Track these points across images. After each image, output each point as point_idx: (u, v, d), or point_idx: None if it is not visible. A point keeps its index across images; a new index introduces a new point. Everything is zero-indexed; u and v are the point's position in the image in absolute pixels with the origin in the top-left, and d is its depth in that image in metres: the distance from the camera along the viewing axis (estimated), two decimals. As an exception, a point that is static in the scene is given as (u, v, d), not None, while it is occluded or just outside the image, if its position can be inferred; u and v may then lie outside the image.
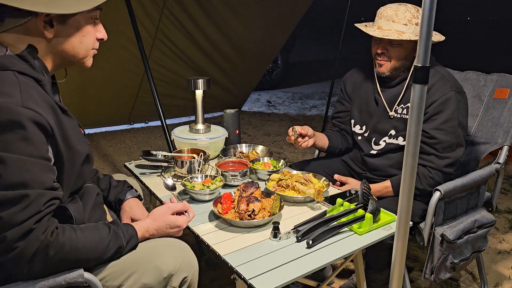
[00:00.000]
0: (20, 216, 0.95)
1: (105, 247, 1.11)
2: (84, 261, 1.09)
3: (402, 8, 1.71)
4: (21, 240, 0.96)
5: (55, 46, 1.11)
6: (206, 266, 2.29)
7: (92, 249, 1.09)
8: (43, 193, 0.99)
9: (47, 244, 1.00)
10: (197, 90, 2.07)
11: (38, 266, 1.01)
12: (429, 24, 0.99)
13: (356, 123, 1.99)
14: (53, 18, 1.07)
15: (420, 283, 2.17)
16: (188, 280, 1.23)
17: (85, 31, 1.14)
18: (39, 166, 0.99)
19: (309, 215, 1.49)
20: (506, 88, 1.95)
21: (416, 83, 1.04)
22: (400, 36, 1.67)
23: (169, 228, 1.27)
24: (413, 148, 1.09)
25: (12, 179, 0.95)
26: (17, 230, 0.96)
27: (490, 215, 1.84)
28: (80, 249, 1.06)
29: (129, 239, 1.18)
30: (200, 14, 4.03)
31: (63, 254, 1.03)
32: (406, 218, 1.15)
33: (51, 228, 1.01)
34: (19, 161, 0.95)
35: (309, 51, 9.48)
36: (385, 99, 1.85)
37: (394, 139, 1.83)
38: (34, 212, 0.97)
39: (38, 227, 0.98)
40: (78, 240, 1.06)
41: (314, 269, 1.21)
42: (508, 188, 3.36)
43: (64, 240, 1.03)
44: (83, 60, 1.18)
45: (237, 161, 1.88)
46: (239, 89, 5.23)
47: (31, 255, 0.98)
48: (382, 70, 1.80)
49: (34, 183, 0.98)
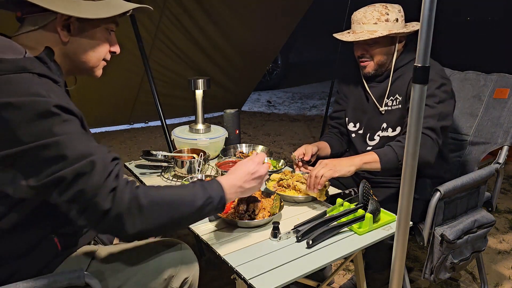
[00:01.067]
0: (97, 181, 0.96)
1: (192, 196, 1.11)
2: (177, 212, 1.08)
3: (370, 9, 1.78)
4: (111, 200, 0.98)
5: (68, 50, 1.12)
6: (206, 266, 2.29)
7: (180, 198, 1.09)
8: (105, 155, 1.01)
9: (135, 195, 1.01)
10: (197, 90, 2.07)
11: (139, 221, 1.01)
12: (429, 24, 0.99)
13: (350, 120, 2.02)
14: (71, 22, 1.08)
15: (420, 283, 2.17)
16: (189, 281, 1.23)
17: (99, 40, 1.15)
18: (86, 136, 1.01)
19: (309, 215, 1.49)
20: (506, 88, 1.95)
21: (416, 83, 1.03)
22: (372, 35, 1.73)
23: (250, 174, 1.24)
24: (413, 148, 1.09)
25: (72, 154, 0.95)
26: (103, 194, 0.97)
27: (490, 215, 1.85)
28: (168, 198, 1.07)
29: (216, 188, 1.16)
30: (200, 14, 4.03)
31: (154, 204, 1.03)
32: (406, 218, 1.15)
33: (130, 182, 1.03)
34: (69, 138, 0.96)
35: (309, 51, 9.47)
36: (374, 95, 1.90)
37: (386, 131, 1.87)
38: (108, 172, 0.99)
39: (119, 183, 1.00)
40: (163, 190, 1.08)
41: (314, 269, 1.21)
42: (508, 188, 3.36)
43: (149, 191, 1.04)
44: (93, 69, 1.19)
45: (237, 161, 1.88)
46: (239, 89, 5.23)
47: (126, 210, 0.99)
48: (367, 70, 1.86)
49: (92, 150, 0.99)
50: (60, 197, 0.96)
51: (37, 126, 0.92)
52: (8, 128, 0.91)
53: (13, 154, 0.92)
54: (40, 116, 0.92)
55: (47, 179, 0.93)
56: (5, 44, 1.00)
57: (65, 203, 0.97)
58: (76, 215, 0.98)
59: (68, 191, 0.95)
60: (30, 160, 0.93)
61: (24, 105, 0.91)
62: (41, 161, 0.93)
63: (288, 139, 4.72)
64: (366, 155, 1.69)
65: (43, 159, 0.93)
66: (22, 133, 0.91)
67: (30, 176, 0.94)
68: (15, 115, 0.91)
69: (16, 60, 0.96)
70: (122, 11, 1.13)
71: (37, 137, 0.92)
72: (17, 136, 0.91)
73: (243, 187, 1.23)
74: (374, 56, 1.82)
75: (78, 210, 0.97)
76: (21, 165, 0.94)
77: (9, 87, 0.92)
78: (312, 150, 1.87)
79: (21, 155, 0.92)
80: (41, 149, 0.92)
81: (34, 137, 0.91)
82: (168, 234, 1.39)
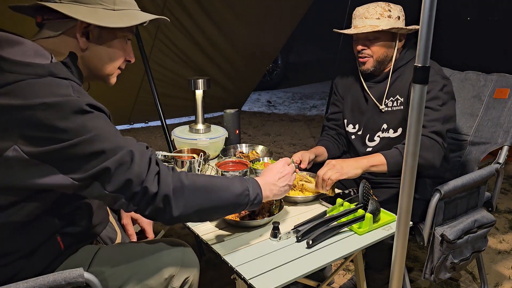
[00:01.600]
0: (142, 168, 1.03)
1: (231, 184, 1.19)
2: (217, 197, 1.15)
3: (373, 4, 1.79)
4: (157, 184, 1.05)
5: (86, 57, 1.15)
6: (206, 266, 2.29)
7: (220, 183, 1.17)
8: (138, 144, 1.07)
9: (179, 178, 1.09)
10: (197, 90, 2.07)
11: (182, 202, 1.08)
12: (429, 24, 0.99)
13: (349, 122, 2.01)
14: (90, 30, 1.11)
15: (420, 283, 2.17)
16: (189, 281, 1.23)
17: (116, 48, 1.18)
18: (117, 130, 1.06)
19: (309, 215, 1.49)
20: (506, 88, 1.95)
21: (416, 83, 1.03)
22: (374, 28, 1.73)
23: (279, 174, 1.35)
24: (413, 148, 1.09)
25: (110, 146, 1.00)
26: (149, 179, 1.03)
27: (490, 215, 1.85)
28: (208, 182, 1.15)
29: (252, 183, 1.24)
30: (200, 14, 4.03)
31: (195, 186, 1.11)
32: (406, 218, 1.15)
33: (170, 167, 1.11)
34: (104, 132, 1.00)
35: (309, 51, 9.47)
36: (374, 95, 1.89)
37: (386, 132, 1.86)
38: (148, 158, 1.06)
39: (161, 168, 1.07)
40: (202, 175, 1.17)
41: (314, 269, 1.21)
42: (508, 188, 3.36)
43: (189, 175, 1.13)
44: (108, 77, 1.23)
45: (237, 161, 1.88)
46: (239, 89, 5.23)
47: (172, 191, 1.06)
48: (366, 67, 1.85)
49: (126, 141, 1.05)
50: (105, 189, 1.00)
51: (73, 123, 0.96)
52: (44, 127, 0.94)
53: (51, 151, 0.95)
54: (75, 114, 0.96)
55: (90, 172, 0.98)
56: (33, 48, 1.02)
57: (111, 194, 1.01)
58: (125, 203, 1.04)
59: (114, 181, 1.00)
60: (70, 155, 0.96)
61: (59, 105, 0.95)
62: (81, 156, 0.97)
63: (288, 139, 4.72)
64: (373, 158, 1.70)
65: (83, 154, 0.97)
66: (59, 131, 0.94)
67: (72, 171, 0.98)
68: (51, 114, 0.94)
69: (44, 65, 0.99)
70: (141, 21, 1.17)
71: (74, 134, 0.96)
72: (54, 134, 0.94)
73: (277, 185, 1.33)
74: (374, 52, 1.81)
75: (126, 198, 1.03)
76: (60, 160, 0.97)
77: (41, 89, 0.95)
78: (310, 157, 1.87)
79: (59, 152, 0.95)
80: (79, 145, 0.96)
81: (71, 134, 0.95)
82: (204, 219, 1.41)
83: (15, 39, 1.00)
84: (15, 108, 0.93)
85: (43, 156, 0.95)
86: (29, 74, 0.96)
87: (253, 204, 1.23)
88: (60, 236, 1.13)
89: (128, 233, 1.48)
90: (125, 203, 1.04)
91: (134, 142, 1.07)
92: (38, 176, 0.97)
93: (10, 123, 0.93)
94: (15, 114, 0.93)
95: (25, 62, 0.97)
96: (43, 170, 0.97)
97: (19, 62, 0.96)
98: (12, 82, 0.94)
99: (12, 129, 0.93)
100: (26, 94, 0.94)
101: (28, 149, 0.94)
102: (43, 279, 1.03)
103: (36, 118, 0.93)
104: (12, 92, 0.94)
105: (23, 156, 0.94)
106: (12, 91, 0.94)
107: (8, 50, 0.97)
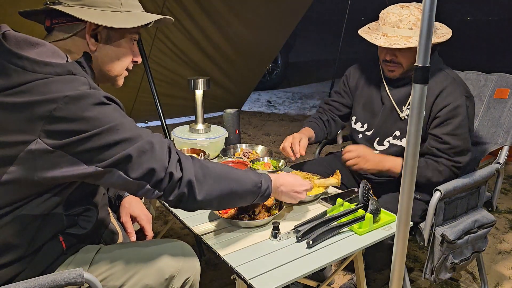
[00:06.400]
0: (162, 155, 1.08)
1: (246, 173, 1.25)
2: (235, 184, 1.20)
3: (406, 12, 1.67)
4: (181, 169, 1.10)
5: (95, 58, 1.17)
6: (206, 266, 2.29)
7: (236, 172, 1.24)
8: (155, 134, 1.11)
9: (199, 163, 1.16)
10: (197, 90, 2.07)
11: (205, 187, 1.14)
12: (429, 24, 0.99)
13: (358, 120, 1.96)
14: (99, 31, 1.14)
15: (420, 283, 2.17)
16: (190, 281, 1.23)
17: (124, 49, 1.21)
18: (134, 122, 1.09)
19: (309, 215, 1.49)
20: (506, 88, 1.95)
21: (416, 83, 1.03)
22: (408, 42, 1.64)
23: (297, 182, 1.41)
24: (413, 148, 1.09)
25: (131, 135, 1.04)
26: (172, 165, 1.08)
27: (490, 215, 1.84)
28: (226, 169, 1.22)
29: (265, 176, 1.30)
30: (200, 14, 4.03)
31: (215, 172, 1.17)
32: (406, 218, 1.15)
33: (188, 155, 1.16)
34: (123, 122, 1.04)
35: (309, 51, 9.48)
36: (394, 99, 1.82)
37: (398, 140, 1.82)
38: (167, 147, 1.11)
39: (180, 155, 1.13)
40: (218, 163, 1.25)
41: (314, 269, 1.21)
42: (508, 188, 3.36)
43: (208, 162, 1.19)
44: (116, 78, 1.25)
45: (237, 161, 1.87)
46: (239, 89, 5.23)
47: (195, 176, 1.12)
48: (394, 74, 1.78)
49: (145, 131, 1.09)
50: (129, 176, 1.04)
51: (95, 114, 1.00)
52: (67, 119, 0.97)
53: (74, 142, 0.98)
54: (95, 105, 1.00)
55: (112, 159, 1.01)
56: (51, 49, 1.06)
57: (135, 181, 1.05)
58: (150, 189, 1.07)
59: (138, 169, 1.04)
60: (93, 145, 0.99)
61: (81, 97, 0.99)
62: (103, 145, 1.00)
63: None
64: (398, 165, 1.75)
65: (106, 143, 1.00)
66: (82, 122, 0.98)
67: (94, 160, 1.01)
68: (73, 105, 0.97)
69: (63, 64, 1.04)
70: (147, 22, 1.20)
71: (95, 124, 0.99)
72: (77, 125, 0.98)
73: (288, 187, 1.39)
74: (404, 61, 1.72)
75: (151, 184, 1.07)
76: (83, 150, 0.99)
77: (62, 85, 0.99)
78: (304, 143, 1.85)
79: (82, 142, 0.98)
80: (101, 134, 0.99)
81: (93, 125, 0.99)
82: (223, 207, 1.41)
83: (35, 40, 1.04)
84: (37, 103, 0.96)
85: (66, 147, 0.98)
86: (49, 73, 1.00)
87: (263, 196, 1.28)
88: (62, 236, 1.14)
89: (127, 231, 1.47)
90: (150, 189, 1.07)
91: (151, 132, 1.10)
92: (62, 167, 0.99)
93: (32, 118, 0.96)
94: (37, 109, 0.96)
95: (46, 61, 1.01)
96: (66, 161, 0.99)
97: (40, 62, 1.00)
98: (32, 80, 0.98)
99: (35, 123, 0.96)
100: (47, 91, 0.97)
101: (51, 142, 0.97)
102: (43, 279, 1.02)
103: (59, 111, 0.96)
104: (33, 89, 0.97)
105: (47, 148, 0.97)
106: (32, 88, 0.97)
107: (28, 50, 1.01)
